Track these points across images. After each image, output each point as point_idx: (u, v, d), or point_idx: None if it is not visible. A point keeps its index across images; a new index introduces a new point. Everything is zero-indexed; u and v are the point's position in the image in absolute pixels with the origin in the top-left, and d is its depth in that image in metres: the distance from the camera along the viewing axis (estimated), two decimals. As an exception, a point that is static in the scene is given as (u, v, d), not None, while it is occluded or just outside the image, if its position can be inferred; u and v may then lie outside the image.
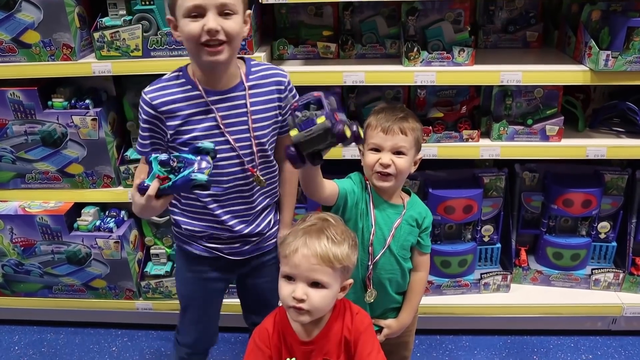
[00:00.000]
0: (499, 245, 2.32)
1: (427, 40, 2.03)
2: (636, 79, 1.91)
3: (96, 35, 1.93)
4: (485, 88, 2.13)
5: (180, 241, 1.65)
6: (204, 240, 1.60)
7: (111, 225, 2.22)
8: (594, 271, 2.27)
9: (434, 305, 2.23)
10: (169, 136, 1.47)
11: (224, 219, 1.55)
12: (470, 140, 2.07)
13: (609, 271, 2.25)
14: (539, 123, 2.06)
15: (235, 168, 1.50)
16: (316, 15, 2.16)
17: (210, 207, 1.54)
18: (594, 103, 2.30)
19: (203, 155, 1.33)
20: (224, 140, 1.47)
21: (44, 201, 2.25)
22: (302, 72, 1.97)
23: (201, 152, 1.34)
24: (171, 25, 1.41)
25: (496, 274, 2.27)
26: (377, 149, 1.51)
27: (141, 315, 2.38)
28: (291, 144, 1.25)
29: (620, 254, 2.30)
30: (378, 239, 1.55)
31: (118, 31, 1.91)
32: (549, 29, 2.26)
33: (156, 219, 2.28)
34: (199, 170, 1.29)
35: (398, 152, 1.50)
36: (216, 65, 1.38)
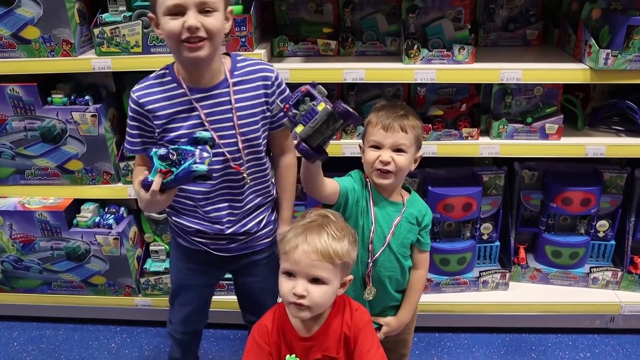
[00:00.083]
0: (497, 243, 2.32)
1: (428, 38, 2.03)
2: (636, 78, 1.91)
3: (96, 31, 1.93)
4: (485, 86, 2.14)
5: (173, 232, 1.68)
6: (192, 235, 1.62)
7: (110, 221, 2.22)
8: (592, 269, 2.28)
9: (432, 302, 2.24)
10: (156, 134, 1.49)
11: (212, 216, 1.56)
12: (469, 138, 2.07)
13: (607, 269, 2.26)
14: (538, 121, 2.06)
15: (221, 165, 1.50)
16: (316, 12, 2.16)
17: (198, 204, 1.55)
18: (593, 102, 2.31)
19: (202, 146, 1.34)
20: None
21: (43, 197, 2.25)
22: (302, 70, 1.97)
23: (199, 142, 1.34)
24: (153, 23, 1.42)
25: (495, 272, 2.27)
26: (378, 146, 1.51)
27: (140, 312, 2.38)
28: (300, 140, 1.25)
29: (619, 253, 2.31)
30: (378, 237, 1.55)
31: (118, 27, 1.91)
32: (549, 27, 2.27)
33: (156, 215, 2.27)
34: (199, 161, 1.30)
35: (398, 150, 1.50)
36: (197, 61, 1.39)
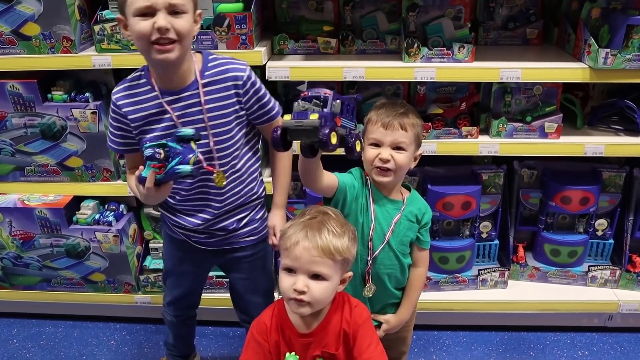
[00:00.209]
0: (496, 241, 2.33)
1: (428, 37, 2.03)
2: (635, 77, 1.92)
3: (96, 28, 1.94)
4: (485, 85, 2.14)
5: (162, 220, 1.75)
6: (174, 226, 1.68)
7: (110, 218, 2.22)
8: (591, 268, 2.28)
9: (431, 301, 2.24)
10: (134, 134, 1.53)
11: (189, 212, 1.61)
12: (469, 136, 2.08)
13: (605, 268, 2.27)
14: (537, 120, 2.07)
15: (195, 166, 1.51)
16: (317, 11, 2.16)
17: (176, 200, 1.60)
18: (592, 101, 2.31)
19: (187, 145, 1.35)
20: None
21: (43, 194, 2.25)
22: (303, 67, 1.97)
23: (184, 140, 1.35)
24: (121, 25, 1.43)
25: (494, 271, 2.28)
26: (377, 144, 1.52)
27: (140, 309, 2.38)
28: (278, 126, 1.27)
29: (617, 251, 2.31)
30: (377, 234, 1.55)
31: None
32: (549, 26, 2.27)
33: (155, 213, 2.28)
34: (184, 161, 1.33)
35: (398, 148, 1.51)
36: (167, 64, 1.40)
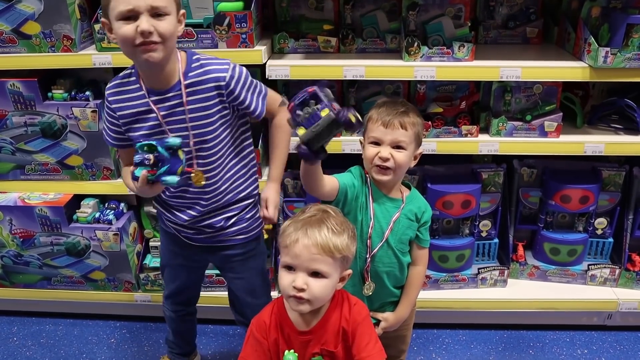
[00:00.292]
0: (496, 240, 2.33)
1: (428, 36, 2.03)
2: (635, 76, 1.92)
3: (97, 27, 1.94)
4: (485, 84, 2.14)
5: (159, 215, 1.77)
6: (166, 219, 1.71)
7: (110, 217, 2.22)
8: (590, 267, 2.29)
9: (431, 299, 2.24)
10: (123, 131, 1.55)
11: (179, 208, 1.64)
12: (469, 135, 2.08)
13: (605, 267, 2.27)
14: (537, 119, 2.07)
15: None
16: (317, 9, 2.16)
17: (167, 196, 1.64)
18: (592, 100, 2.31)
19: (175, 156, 1.39)
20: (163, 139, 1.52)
21: (43, 193, 2.25)
22: (303, 66, 1.98)
23: (172, 148, 1.39)
24: (106, 28, 1.44)
25: (493, 269, 2.28)
26: (377, 143, 1.52)
27: (140, 307, 2.39)
28: (301, 143, 1.26)
29: (617, 250, 2.32)
30: (376, 232, 1.56)
31: (119, 23, 1.91)
32: (549, 25, 2.27)
33: (155, 211, 2.27)
34: (169, 172, 1.38)
35: (398, 147, 1.51)
36: (151, 65, 1.41)
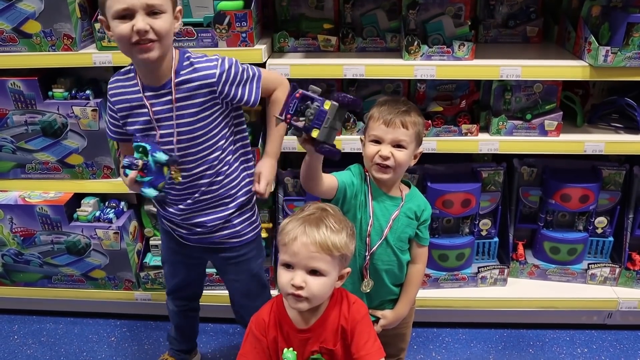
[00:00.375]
0: (496, 239, 2.33)
1: (428, 34, 2.03)
2: (635, 75, 1.92)
3: (97, 25, 1.94)
4: (485, 82, 2.14)
5: (158, 212, 1.79)
6: (162, 217, 1.74)
7: (111, 216, 2.22)
8: (590, 266, 2.29)
9: (431, 298, 2.25)
10: (120, 124, 1.58)
11: (169, 202, 1.67)
12: (469, 134, 2.08)
13: (605, 266, 2.27)
14: (537, 118, 2.07)
15: None
16: (317, 8, 2.16)
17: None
18: (592, 99, 2.31)
19: (160, 171, 1.44)
20: (154, 135, 1.54)
21: (43, 191, 2.26)
22: (303, 65, 1.98)
23: (159, 162, 1.43)
24: (103, 25, 1.45)
25: (493, 268, 2.28)
26: (378, 141, 1.52)
27: (140, 306, 2.39)
28: (319, 143, 1.26)
29: (617, 249, 2.32)
30: (375, 230, 1.56)
31: (119, 22, 1.91)
32: (549, 24, 2.27)
33: (155, 210, 2.28)
34: (151, 184, 1.46)
35: (398, 145, 1.51)
36: (148, 63, 1.43)
